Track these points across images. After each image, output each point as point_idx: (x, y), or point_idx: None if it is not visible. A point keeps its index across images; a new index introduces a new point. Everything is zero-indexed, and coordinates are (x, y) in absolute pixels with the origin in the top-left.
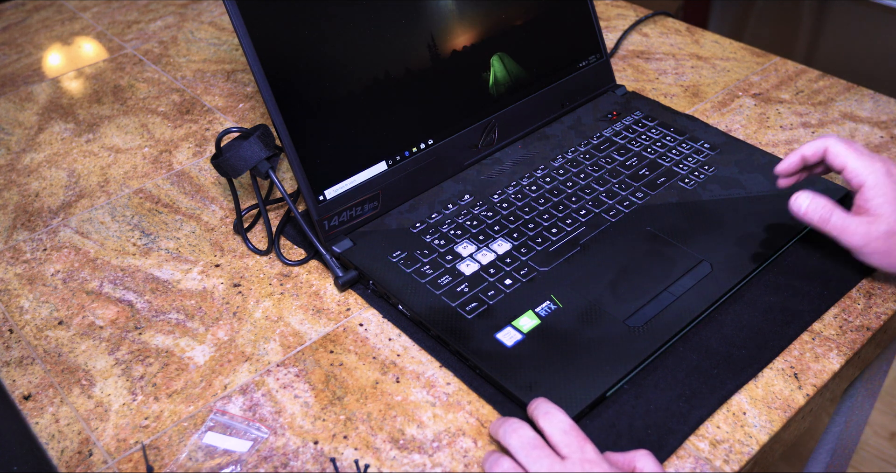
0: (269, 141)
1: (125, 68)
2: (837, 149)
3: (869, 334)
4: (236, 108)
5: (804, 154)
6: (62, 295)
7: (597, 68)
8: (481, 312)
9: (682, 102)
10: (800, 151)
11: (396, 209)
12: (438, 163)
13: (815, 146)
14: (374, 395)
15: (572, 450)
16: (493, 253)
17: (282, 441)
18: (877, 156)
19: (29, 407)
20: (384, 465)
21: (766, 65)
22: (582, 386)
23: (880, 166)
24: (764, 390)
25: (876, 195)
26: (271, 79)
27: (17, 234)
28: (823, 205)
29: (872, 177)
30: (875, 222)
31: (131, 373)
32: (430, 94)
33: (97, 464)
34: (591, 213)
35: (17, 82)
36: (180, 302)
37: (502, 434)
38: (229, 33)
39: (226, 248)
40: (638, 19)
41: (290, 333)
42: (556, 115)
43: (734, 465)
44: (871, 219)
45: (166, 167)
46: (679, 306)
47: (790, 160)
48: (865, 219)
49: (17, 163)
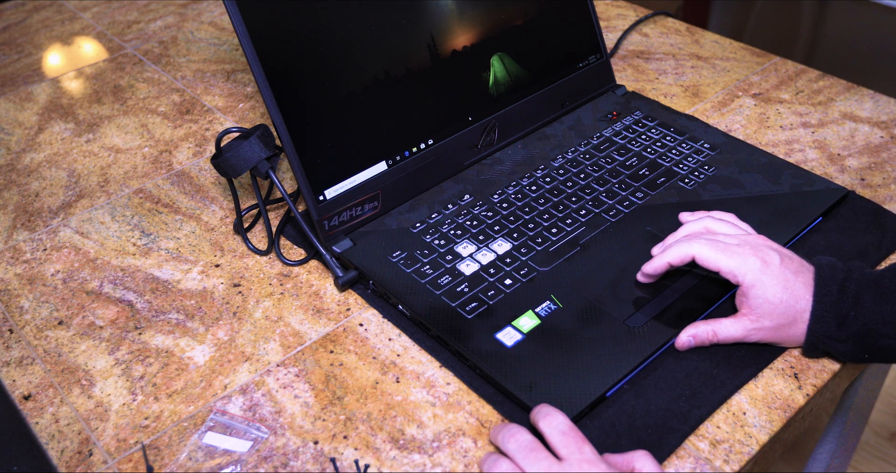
0: (269, 141)
1: (125, 68)
2: (705, 255)
3: None
4: (236, 108)
5: (671, 262)
6: (62, 295)
7: (597, 68)
8: (481, 312)
9: (682, 102)
10: (666, 259)
11: (396, 209)
12: (438, 163)
13: (681, 255)
14: (374, 395)
15: (570, 451)
16: (493, 253)
17: (282, 441)
18: (745, 240)
19: (29, 407)
20: (384, 465)
21: (766, 65)
22: (582, 386)
23: (753, 260)
24: (764, 390)
25: (756, 296)
26: (271, 79)
27: (17, 234)
28: (704, 331)
29: (749, 276)
30: (760, 320)
31: (131, 373)
32: (430, 94)
33: (97, 464)
34: (591, 213)
35: (17, 82)
36: (180, 302)
37: (500, 438)
38: (229, 33)
39: (226, 248)
40: (638, 19)
41: (290, 333)
42: (556, 115)
43: (734, 465)
44: (755, 317)
45: (166, 167)
46: (679, 306)
47: (656, 267)
48: (750, 320)
49: (17, 163)
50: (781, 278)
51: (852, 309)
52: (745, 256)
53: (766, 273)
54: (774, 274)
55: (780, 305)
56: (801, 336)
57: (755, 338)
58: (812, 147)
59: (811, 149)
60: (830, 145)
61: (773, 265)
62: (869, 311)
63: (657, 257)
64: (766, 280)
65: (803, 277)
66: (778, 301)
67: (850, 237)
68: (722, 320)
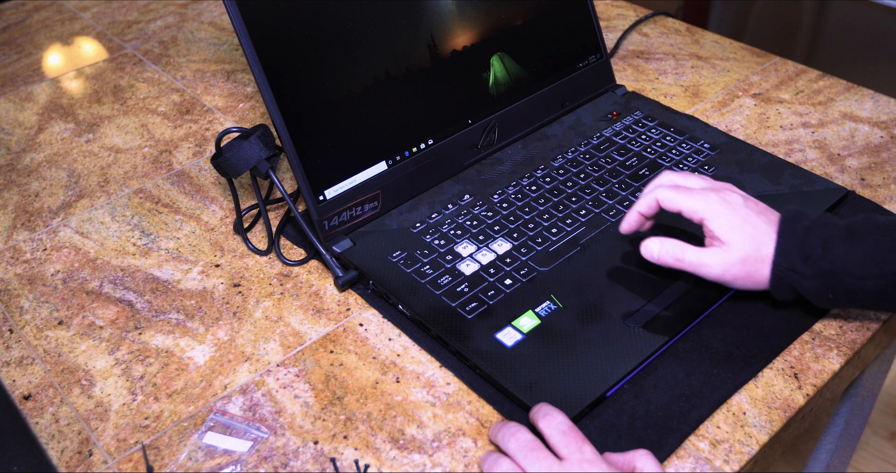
0: (269, 141)
1: (125, 68)
2: (667, 197)
3: (869, 334)
4: (236, 108)
5: (640, 211)
6: (62, 295)
7: (597, 68)
8: (481, 312)
9: (682, 102)
10: (636, 209)
11: (396, 209)
12: (438, 163)
13: (648, 201)
14: (374, 395)
15: (571, 451)
16: (493, 253)
17: (282, 441)
18: (710, 186)
19: (29, 407)
20: (384, 465)
21: (766, 65)
22: (582, 386)
23: (714, 197)
24: (764, 390)
25: (719, 226)
26: (271, 79)
27: (17, 234)
28: (674, 246)
29: (710, 210)
30: (727, 250)
31: (131, 373)
32: (430, 94)
33: (97, 464)
34: (591, 213)
35: (17, 82)
36: (180, 302)
37: (500, 437)
38: (229, 33)
39: (226, 248)
40: (638, 19)
41: (290, 333)
42: (556, 115)
43: (734, 465)
44: (724, 247)
45: (166, 167)
46: (679, 306)
47: (629, 219)
48: (718, 250)
49: (17, 163)
50: (743, 213)
51: (819, 248)
52: (706, 195)
53: (726, 207)
54: (736, 209)
55: (744, 235)
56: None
57: (721, 270)
58: (812, 147)
59: (811, 149)
60: (830, 145)
61: (735, 203)
62: (838, 251)
63: (629, 212)
64: (728, 212)
65: (767, 217)
66: (741, 229)
67: None
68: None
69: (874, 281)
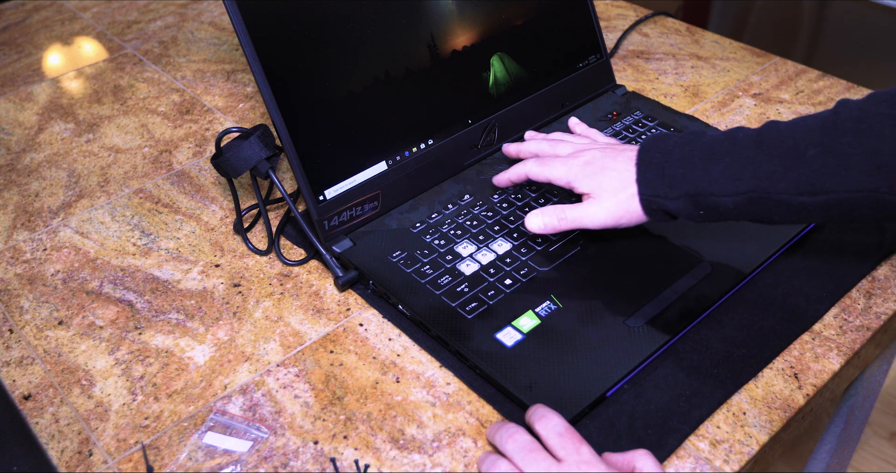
0: (269, 141)
1: (125, 68)
2: (535, 172)
3: (869, 334)
4: (236, 108)
5: (511, 179)
6: (62, 295)
7: (597, 68)
8: (481, 312)
9: (682, 102)
10: (507, 176)
11: (396, 209)
12: (438, 163)
13: (518, 174)
14: (374, 395)
15: (568, 452)
16: (493, 253)
17: (282, 441)
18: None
19: (29, 407)
20: (384, 465)
21: (766, 65)
22: (582, 386)
23: (573, 162)
24: (764, 390)
25: (584, 184)
26: (271, 79)
27: (17, 234)
28: (553, 210)
29: (572, 174)
30: (598, 198)
31: (131, 373)
32: (430, 94)
33: (97, 464)
34: None
35: (17, 82)
36: (180, 302)
37: (499, 439)
38: (229, 33)
39: (226, 248)
40: (638, 19)
41: (290, 333)
42: (556, 115)
43: (734, 465)
44: (595, 198)
45: (166, 167)
46: (679, 306)
47: (500, 181)
48: (592, 200)
49: (17, 163)
50: (601, 163)
51: (680, 168)
52: (567, 163)
53: (586, 167)
54: (595, 162)
55: (607, 180)
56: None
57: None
58: None
59: None
60: None
61: (593, 158)
62: (698, 170)
63: (502, 174)
64: (588, 169)
65: (627, 155)
66: (603, 177)
67: (850, 237)
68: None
69: (731, 197)
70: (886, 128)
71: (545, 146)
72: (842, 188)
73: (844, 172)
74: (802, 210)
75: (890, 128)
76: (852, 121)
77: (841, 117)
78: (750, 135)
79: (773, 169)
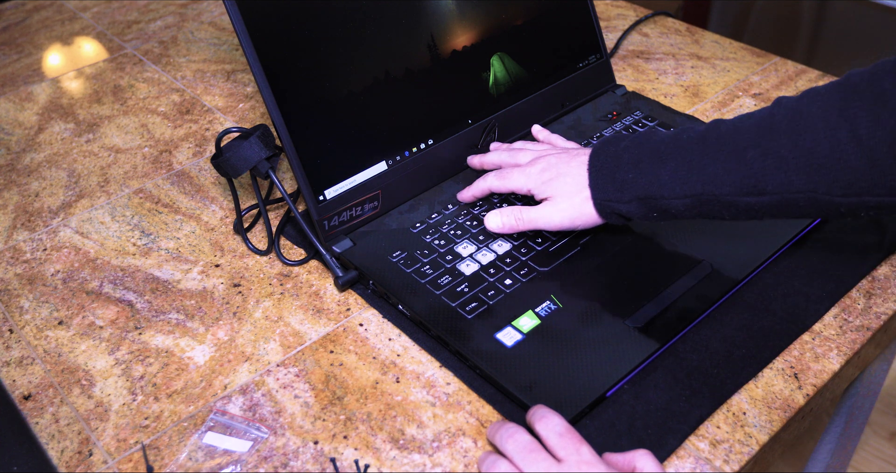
0: (269, 141)
1: (125, 68)
2: (497, 186)
3: (869, 334)
4: (236, 108)
5: (474, 194)
6: (62, 295)
7: (597, 68)
8: (481, 312)
9: (682, 102)
10: (470, 192)
11: (396, 209)
12: (438, 163)
13: (482, 190)
14: (374, 395)
15: (568, 453)
16: (493, 253)
17: (282, 441)
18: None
19: (29, 407)
20: (384, 465)
21: (766, 65)
22: (582, 386)
23: (531, 170)
24: (764, 390)
25: (541, 191)
26: (271, 79)
27: (17, 234)
28: (511, 211)
29: (531, 182)
30: (554, 201)
31: (131, 373)
32: (430, 94)
33: (97, 464)
34: None
35: (17, 82)
36: (180, 302)
37: (499, 439)
38: (229, 33)
39: (226, 248)
40: (638, 19)
41: (290, 333)
42: (556, 115)
43: (734, 465)
44: (551, 200)
45: (166, 167)
46: (679, 306)
47: (464, 197)
48: (548, 202)
49: (17, 163)
50: (556, 170)
51: (630, 172)
52: (525, 172)
53: (543, 174)
54: (551, 169)
55: (562, 185)
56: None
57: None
58: None
59: None
60: None
61: (549, 164)
62: (647, 174)
63: (466, 191)
64: (546, 175)
65: (580, 160)
66: (558, 182)
67: (850, 237)
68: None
69: (681, 200)
70: (820, 129)
71: (506, 156)
72: (782, 189)
73: (783, 174)
74: (750, 209)
75: (823, 129)
76: (787, 121)
77: (776, 118)
78: (694, 138)
79: (716, 171)
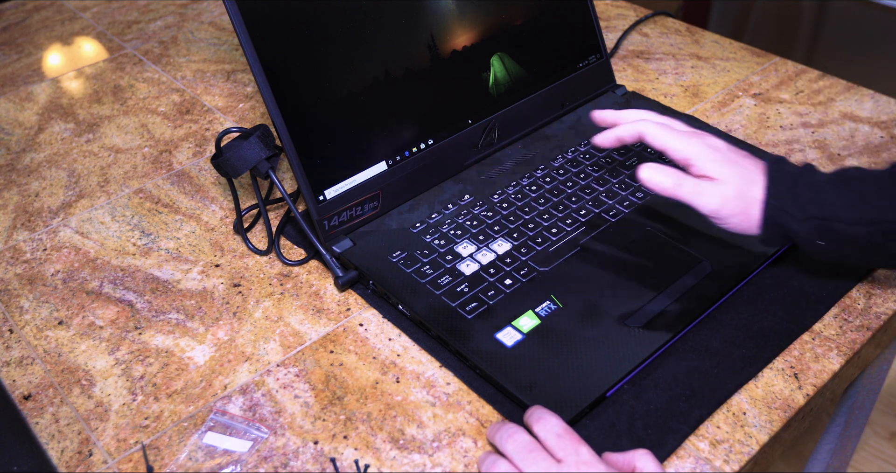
0: (269, 141)
1: (125, 68)
2: (653, 133)
3: (869, 334)
4: (236, 108)
5: (620, 136)
6: (62, 295)
7: (597, 68)
8: (481, 312)
9: (682, 102)
10: (615, 133)
11: (396, 209)
12: (438, 163)
13: (630, 131)
14: (374, 395)
15: (567, 453)
16: (493, 253)
17: (282, 441)
18: (693, 133)
19: (29, 407)
20: (384, 465)
21: (766, 65)
22: (582, 386)
23: (697, 140)
24: (764, 390)
25: (708, 161)
26: (271, 79)
27: (17, 234)
28: (673, 172)
29: (696, 152)
30: (722, 184)
31: (131, 373)
32: (430, 94)
33: (97, 464)
34: (591, 213)
35: (17, 82)
36: (180, 302)
37: (498, 439)
38: (229, 33)
39: (226, 248)
40: (638, 19)
41: (290, 333)
42: (556, 115)
43: (734, 465)
44: (718, 182)
45: (166, 167)
46: (679, 306)
47: (606, 140)
48: (714, 183)
49: (17, 163)
50: (729, 155)
51: (808, 192)
52: (690, 138)
53: (711, 150)
54: (722, 151)
55: (735, 171)
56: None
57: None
58: (812, 147)
59: (811, 148)
60: (830, 145)
61: (719, 147)
62: (827, 196)
63: (609, 131)
64: (714, 153)
65: (752, 161)
66: (731, 167)
67: None
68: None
69: (864, 226)
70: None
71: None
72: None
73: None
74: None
75: None
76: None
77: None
78: (879, 170)
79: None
